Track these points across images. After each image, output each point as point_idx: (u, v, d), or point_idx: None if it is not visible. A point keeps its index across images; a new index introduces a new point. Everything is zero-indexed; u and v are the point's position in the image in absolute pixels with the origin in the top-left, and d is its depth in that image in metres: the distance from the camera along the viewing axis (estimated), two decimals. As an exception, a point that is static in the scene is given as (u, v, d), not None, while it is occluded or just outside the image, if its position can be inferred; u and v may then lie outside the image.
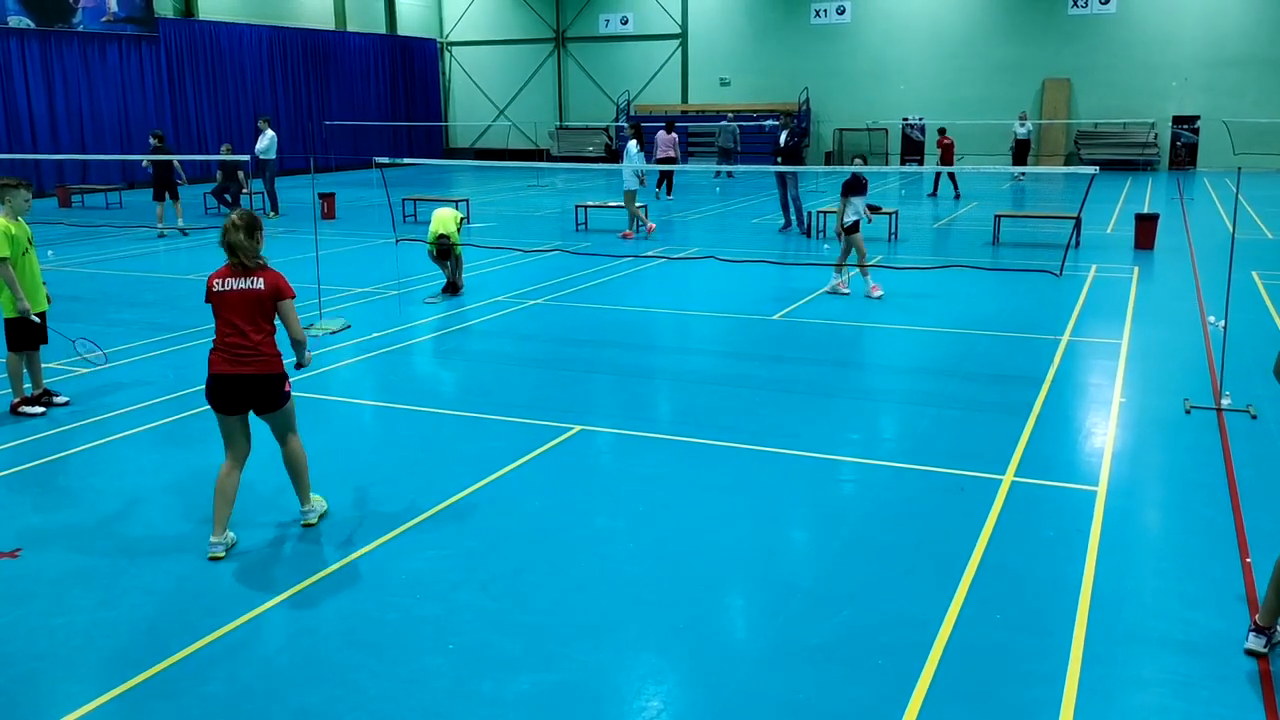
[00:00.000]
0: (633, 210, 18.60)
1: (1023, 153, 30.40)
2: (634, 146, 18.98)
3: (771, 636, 4.94)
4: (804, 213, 19.04)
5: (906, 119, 35.61)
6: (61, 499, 6.69)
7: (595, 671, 4.64)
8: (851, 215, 12.83)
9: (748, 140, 33.49)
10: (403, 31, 40.03)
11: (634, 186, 18.38)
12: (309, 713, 4.34)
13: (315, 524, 6.12)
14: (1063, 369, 9.48)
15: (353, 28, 37.39)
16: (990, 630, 4.93)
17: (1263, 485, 6.68)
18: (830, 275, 13.40)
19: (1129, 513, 6.28)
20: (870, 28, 36.13)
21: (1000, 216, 18.19)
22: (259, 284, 5.66)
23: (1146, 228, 16.74)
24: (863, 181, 12.95)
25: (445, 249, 12.90)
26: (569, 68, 41.35)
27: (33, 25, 26.67)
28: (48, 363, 9.09)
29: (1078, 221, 16.19)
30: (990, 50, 34.76)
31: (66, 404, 8.50)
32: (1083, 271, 14.52)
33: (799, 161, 19.31)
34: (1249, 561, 5.57)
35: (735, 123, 30.75)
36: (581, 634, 4.94)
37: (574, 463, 7.23)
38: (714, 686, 4.52)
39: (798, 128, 19.58)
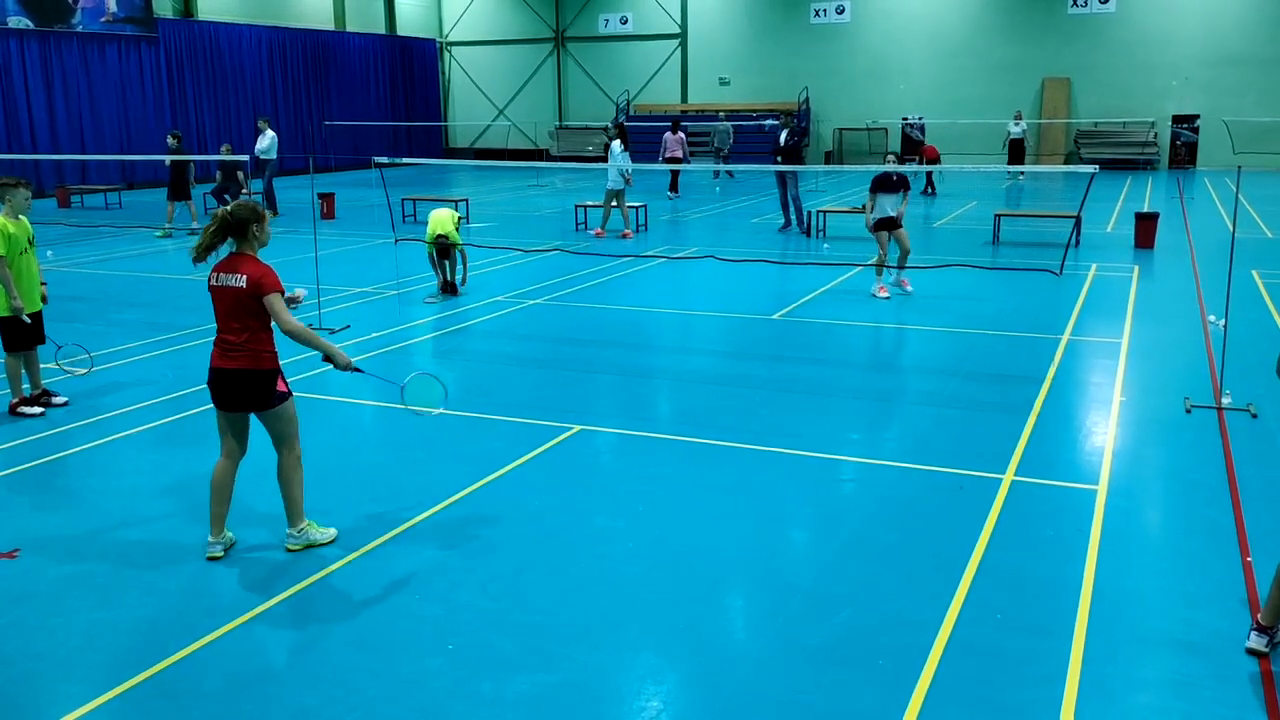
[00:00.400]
0: (622, 210, 18.74)
1: (1017, 152, 30.38)
2: (618, 147, 19.05)
3: (771, 637, 4.93)
4: (804, 212, 19.04)
5: (906, 118, 35.62)
6: (60, 499, 6.69)
7: (595, 672, 4.63)
8: (878, 213, 12.78)
9: (747, 141, 33.50)
10: (402, 31, 40.03)
11: (620, 186, 18.48)
12: (309, 713, 4.33)
13: (297, 550, 5.78)
14: (1063, 368, 9.47)
15: (352, 28, 37.38)
16: (990, 630, 4.93)
17: (1263, 484, 6.68)
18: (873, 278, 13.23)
19: (1129, 512, 6.28)
20: (870, 27, 36.13)
21: (1000, 216, 18.19)
22: (240, 281, 5.51)
23: (1146, 227, 16.74)
24: (893, 179, 12.67)
25: (445, 249, 12.89)
26: (568, 67, 41.35)
27: (32, 26, 26.67)
28: (45, 364, 9.07)
29: (1078, 220, 16.19)
30: (990, 50, 34.76)
31: (65, 404, 8.49)
32: (1083, 271, 14.52)
33: (799, 161, 19.30)
34: (1250, 561, 5.57)
35: (729, 123, 30.75)
36: (581, 634, 4.93)
37: (574, 463, 7.23)
38: (714, 687, 4.51)
39: (798, 127, 19.58)
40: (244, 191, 22.21)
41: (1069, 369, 9.48)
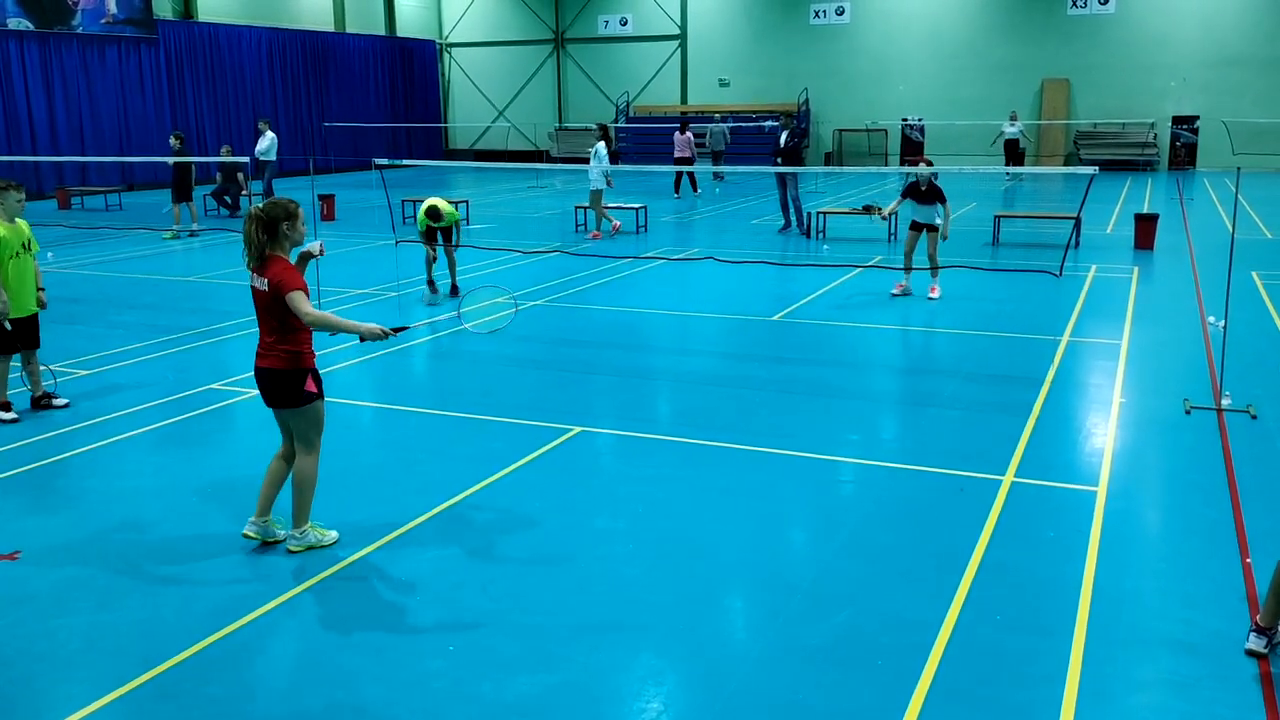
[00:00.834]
0: (600, 211, 18.80)
1: (1012, 152, 30.36)
2: (602, 148, 19.13)
3: (771, 637, 4.94)
4: (804, 213, 19.04)
5: (906, 119, 35.63)
6: (61, 501, 6.69)
7: (595, 672, 4.64)
8: (910, 213, 12.88)
9: (747, 142, 33.51)
10: (402, 33, 40.04)
11: (601, 187, 18.58)
12: (309, 715, 4.34)
13: (298, 552, 5.80)
14: (1063, 369, 9.48)
15: (352, 29, 37.39)
16: (990, 631, 4.93)
17: (1263, 485, 6.68)
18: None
19: (1129, 513, 6.28)
20: (869, 28, 36.15)
21: (1000, 217, 18.20)
22: (264, 284, 5.60)
23: (1146, 228, 16.74)
24: (921, 188, 12.53)
25: (437, 229, 12.88)
26: (568, 69, 41.37)
27: (32, 27, 26.68)
28: (44, 365, 9.07)
29: (1077, 222, 16.19)
30: (989, 51, 34.78)
31: (66, 406, 8.49)
32: (1082, 272, 14.52)
33: (799, 162, 19.32)
34: (1249, 562, 5.57)
35: (724, 124, 30.77)
36: (581, 635, 4.94)
37: (574, 464, 7.23)
38: (714, 687, 4.52)
39: (798, 128, 19.60)
40: (244, 193, 22.27)
41: (1069, 370, 9.49)
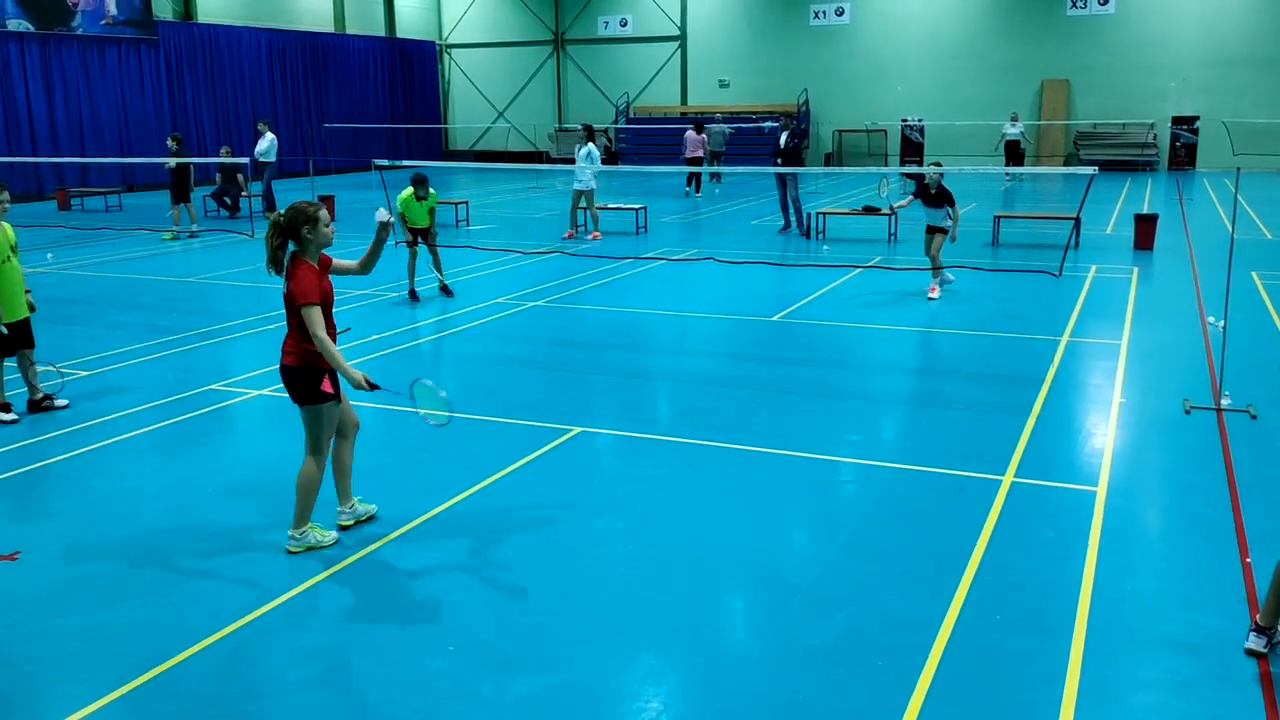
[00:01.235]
0: (574, 212, 18.81)
1: (1013, 153, 30.36)
2: (595, 149, 19.17)
3: (771, 638, 4.94)
4: (804, 214, 19.05)
5: (905, 120, 35.64)
6: (61, 502, 6.69)
7: (595, 673, 4.64)
8: (920, 212, 12.98)
9: (747, 143, 33.51)
10: (402, 34, 40.04)
11: (591, 187, 18.61)
12: (309, 715, 4.34)
13: (298, 552, 5.79)
14: (1062, 369, 9.48)
15: (352, 30, 37.39)
16: (990, 631, 4.93)
17: (1262, 485, 6.68)
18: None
19: (1129, 513, 6.28)
20: (869, 29, 36.14)
21: (1000, 217, 18.20)
22: (285, 287, 5.78)
23: (1146, 228, 16.74)
24: (930, 191, 12.56)
25: (417, 229, 12.93)
26: (568, 70, 41.37)
27: (32, 28, 26.68)
28: (51, 365, 9.07)
29: (1077, 222, 16.20)
30: (989, 51, 34.77)
31: (66, 407, 8.49)
32: (1082, 272, 14.52)
33: (799, 163, 19.32)
34: (1249, 561, 5.57)
35: (724, 125, 30.80)
36: (581, 635, 4.94)
37: (574, 464, 7.23)
38: (713, 687, 4.52)
39: (798, 129, 19.61)
40: (243, 194, 22.27)
41: (1069, 370, 9.49)
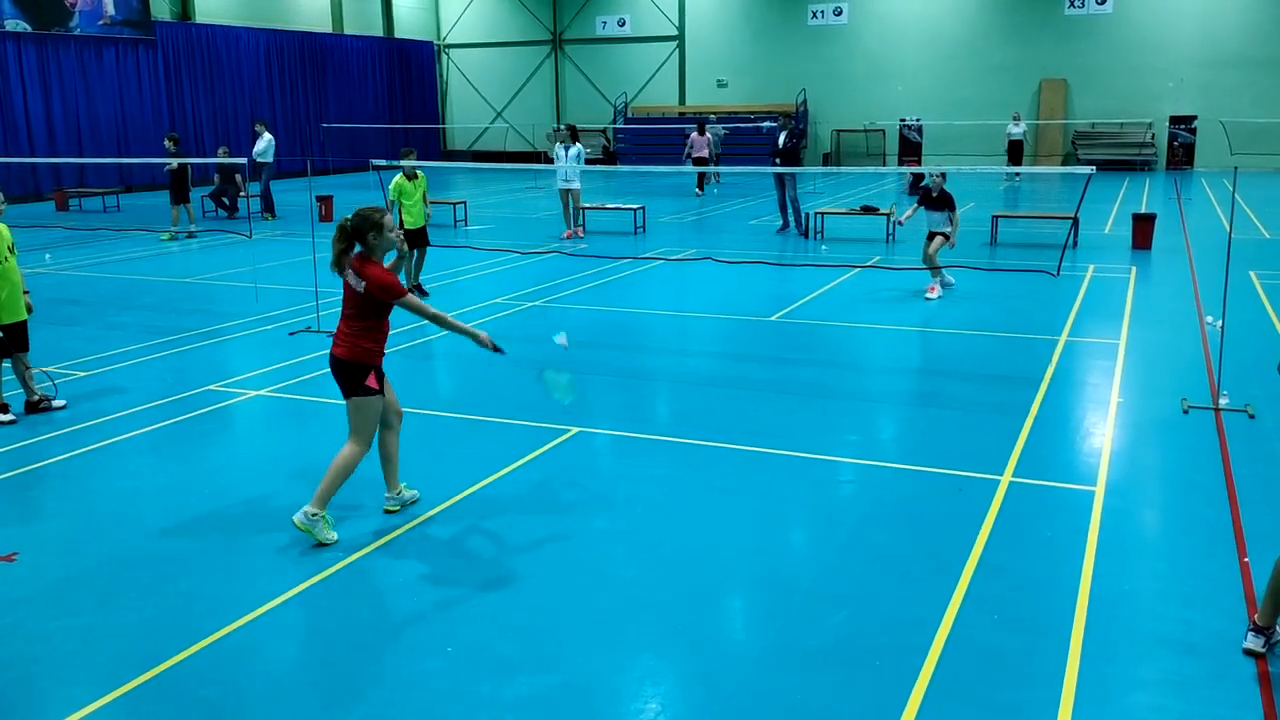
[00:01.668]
0: (577, 208, 18.80)
1: (1016, 153, 30.39)
2: (581, 149, 19.20)
3: (770, 638, 4.94)
4: (802, 214, 19.05)
5: (904, 120, 35.65)
6: (58, 502, 6.69)
7: (593, 673, 4.64)
8: (924, 222, 13.02)
9: (745, 143, 33.51)
10: (400, 34, 40.04)
11: (579, 186, 18.63)
12: (307, 715, 4.34)
13: (300, 527, 5.86)
14: (1060, 369, 9.48)
15: (350, 30, 37.39)
16: (988, 631, 4.93)
17: (1260, 485, 6.69)
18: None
19: (1127, 513, 6.29)
20: (867, 29, 36.16)
21: (998, 217, 18.21)
22: (361, 286, 5.96)
23: (1144, 228, 16.75)
24: (933, 196, 12.63)
25: (413, 230, 12.99)
26: (566, 70, 41.37)
27: (29, 29, 26.66)
28: (39, 368, 9.06)
29: (1075, 222, 16.20)
30: (987, 51, 34.80)
31: (64, 407, 8.49)
32: (1080, 272, 14.53)
33: (797, 163, 19.33)
34: (1247, 561, 5.58)
35: (718, 126, 30.86)
36: (579, 636, 4.94)
37: (572, 464, 7.23)
38: (712, 688, 4.52)
39: (796, 129, 19.63)
40: (241, 194, 22.26)
41: (1066, 370, 9.49)
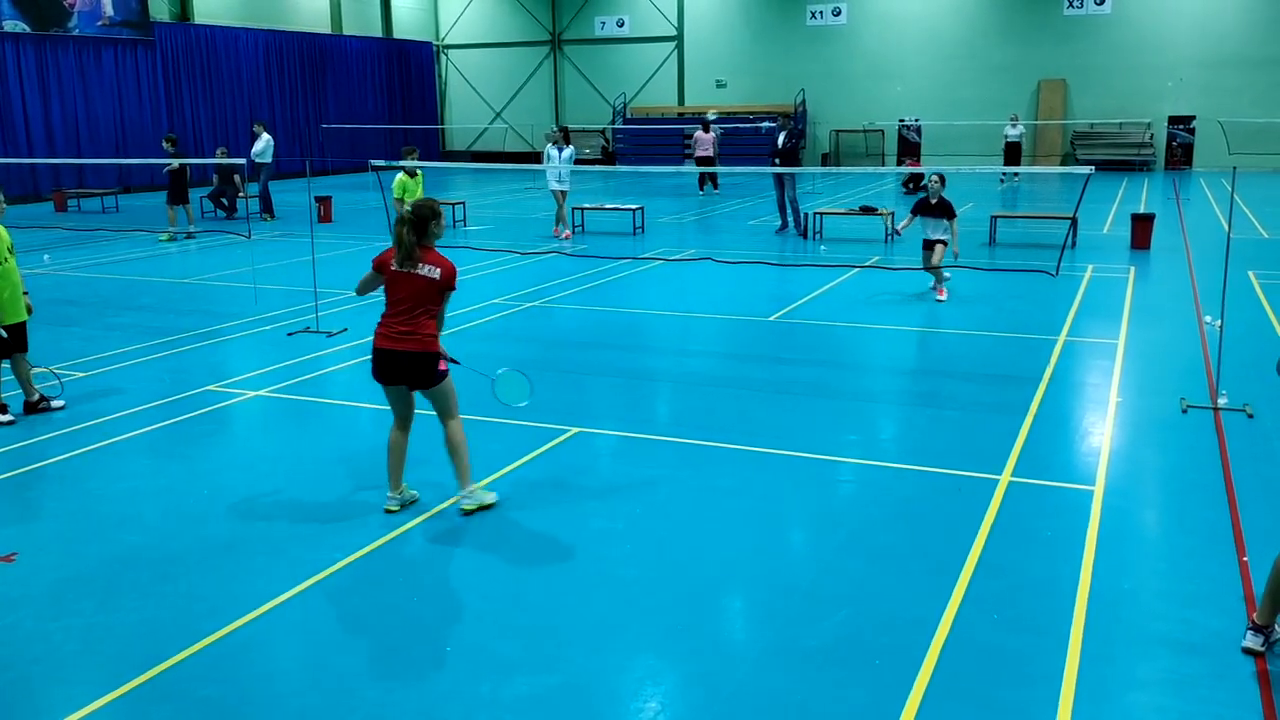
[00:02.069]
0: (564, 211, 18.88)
1: (1014, 155, 30.39)
2: (573, 151, 19.24)
3: (769, 637, 4.94)
4: (801, 214, 19.06)
5: (903, 120, 35.66)
6: (58, 503, 6.69)
7: (593, 673, 4.64)
8: (920, 231, 12.85)
9: (745, 142, 33.50)
10: (399, 35, 40.03)
11: (568, 187, 18.71)
12: (308, 715, 4.34)
13: (472, 510, 6.23)
14: (1059, 369, 9.49)
15: (349, 31, 37.39)
16: (988, 630, 4.94)
17: (1259, 484, 6.69)
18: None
19: (1126, 512, 6.29)
20: (866, 29, 36.17)
21: (996, 217, 18.21)
22: (434, 273, 6.00)
23: (1143, 228, 16.76)
24: (931, 202, 12.43)
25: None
26: (565, 70, 41.37)
27: (28, 30, 26.65)
28: (46, 367, 9.05)
29: (1074, 222, 16.21)
30: (986, 51, 34.81)
31: (62, 408, 8.49)
32: (1079, 272, 14.54)
33: (796, 163, 19.33)
34: (1246, 560, 5.58)
35: (716, 126, 30.87)
36: (579, 636, 4.94)
37: (571, 465, 7.23)
38: (712, 688, 4.52)
39: (795, 129, 19.64)
40: (240, 195, 22.26)
41: (1065, 370, 9.49)
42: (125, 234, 19.93)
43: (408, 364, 6.05)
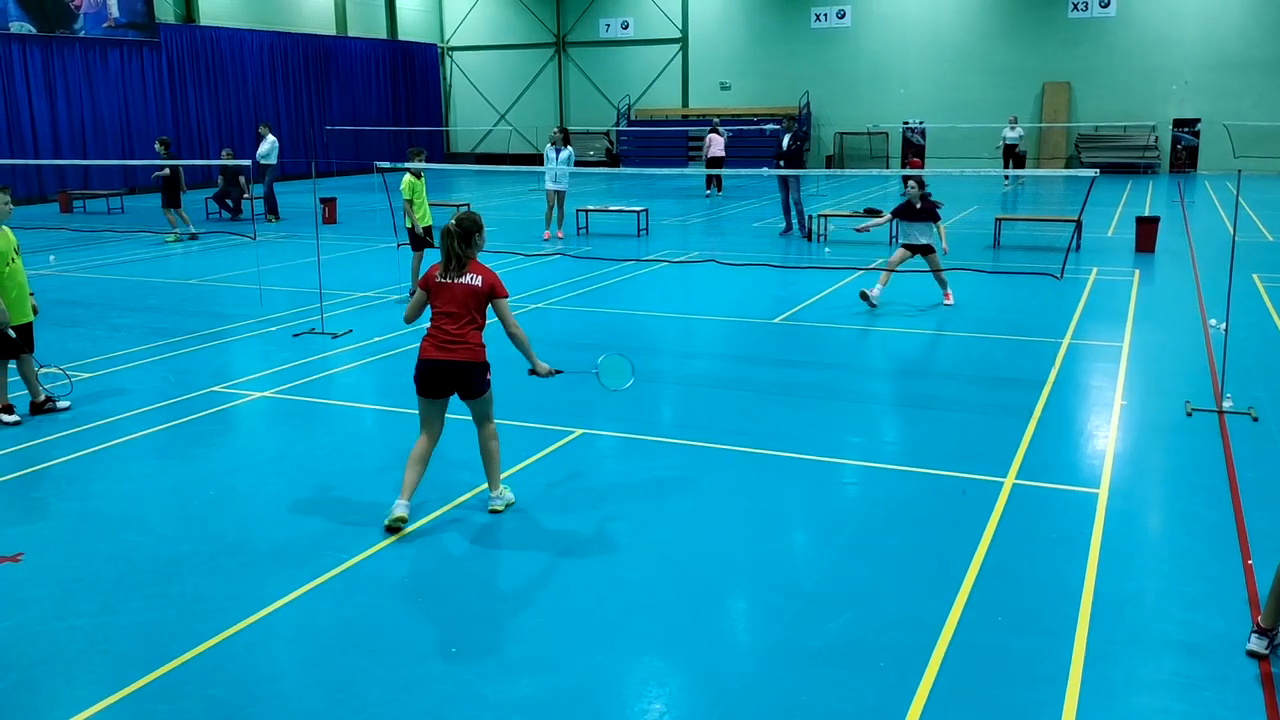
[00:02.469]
0: (561, 211, 18.80)
1: (1011, 157, 30.31)
2: (572, 152, 19.31)
3: (774, 639, 4.94)
4: (805, 216, 19.06)
5: (907, 123, 35.65)
6: (63, 504, 6.70)
7: (597, 675, 4.64)
8: (902, 238, 12.58)
9: (749, 144, 33.49)
10: (403, 36, 40.08)
11: (566, 188, 18.73)
12: (312, 716, 4.34)
13: (501, 511, 6.31)
14: (1064, 372, 9.48)
15: (353, 33, 37.44)
16: (992, 632, 4.93)
17: (1264, 487, 6.68)
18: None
19: (1130, 515, 6.29)
20: (870, 31, 36.17)
21: (1000, 220, 18.20)
22: (478, 281, 6.05)
23: (1147, 230, 16.75)
24: (915, 206, 12.24)
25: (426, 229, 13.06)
26: (570, 72, 41.41)
27: (34, 31, 26.72)
28: (56, 368, 9.07)
29: (1078, 224, 16.15)
30: (990, 54, 34.80)
31: (68, 409, 8.50)
32: (1084, 274, 14.53)
33: (800, 165, 19.34)
34: (1250, 563, 5.58)
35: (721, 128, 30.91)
36: (583, 637, 4.94)
37: (575, 466, 7.24)
38: (716, 689, 4.52)
39: (799, 131, 19.64)
40: (245, 196, 22.30)
41: (1070, 373, 9.49)
42: (130, 235, 19.97)
43: (459, 373, 6.08)
